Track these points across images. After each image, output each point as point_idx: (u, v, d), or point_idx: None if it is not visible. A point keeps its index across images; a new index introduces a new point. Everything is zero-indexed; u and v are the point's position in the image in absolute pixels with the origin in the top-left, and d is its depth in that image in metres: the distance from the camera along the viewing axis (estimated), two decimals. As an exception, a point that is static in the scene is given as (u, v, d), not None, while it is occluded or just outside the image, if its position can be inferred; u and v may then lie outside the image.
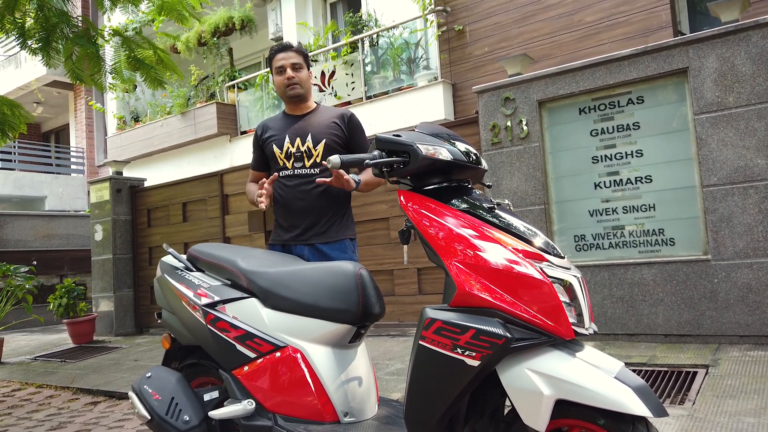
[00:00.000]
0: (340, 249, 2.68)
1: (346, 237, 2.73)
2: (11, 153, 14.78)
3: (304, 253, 2.66)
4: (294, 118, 2.82)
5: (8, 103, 6.01)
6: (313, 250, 2.66)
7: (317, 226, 2.67)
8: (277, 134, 2.79)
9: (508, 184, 4.83)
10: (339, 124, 2.75)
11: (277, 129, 2.82)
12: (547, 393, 1.53)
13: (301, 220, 2.68)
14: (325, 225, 2.68)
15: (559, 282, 1.63)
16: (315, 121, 2.77)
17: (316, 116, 2.80)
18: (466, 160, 1.81)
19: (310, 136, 2.72)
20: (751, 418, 2.70)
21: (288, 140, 2.74)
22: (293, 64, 2.75)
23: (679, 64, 4.17)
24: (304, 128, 2.75)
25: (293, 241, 2.70)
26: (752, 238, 3.90)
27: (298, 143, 2.72)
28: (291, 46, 2.79)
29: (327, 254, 2.65)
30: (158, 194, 7.82)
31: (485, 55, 8.10)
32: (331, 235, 2.68)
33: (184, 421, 2.15)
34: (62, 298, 7.16)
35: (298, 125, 2.77)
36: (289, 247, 2.71)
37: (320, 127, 2.74)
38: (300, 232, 2.68)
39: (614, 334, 4.35)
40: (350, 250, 2.73)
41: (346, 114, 2.80)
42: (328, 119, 2.77)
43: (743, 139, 3.94)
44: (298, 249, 2.68)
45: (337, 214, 2.72)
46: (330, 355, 2.04)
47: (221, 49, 11.13)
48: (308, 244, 2.67)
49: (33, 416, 4.25)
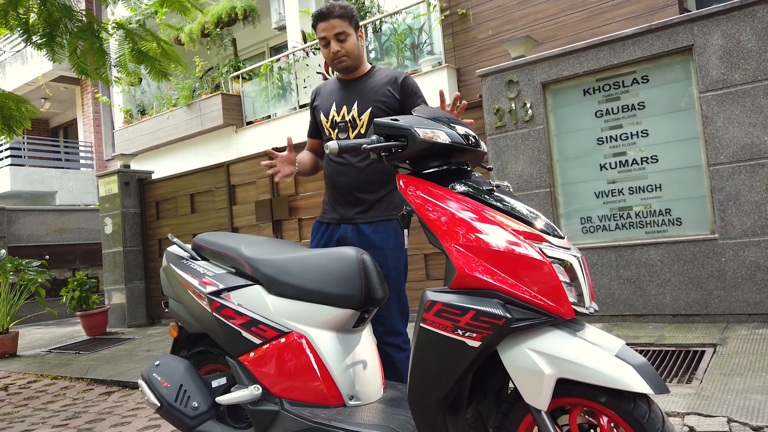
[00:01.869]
0: (385, 231, 2.48)
1: (394, 217, 2.51)
2: (21, 149, 14.89)
3: (348, 234, 2.50)
4: (344, 84, 2.61)
5: (14, 98, 6.06)
6: (356, 230, 2.50)
7: (361, 204, 2.50)
8: (325, 101, 2.61)
9: (513, 167, 4.82)
10: (391, 89, 2.51)
11: (327, 95, 2.63)
12: (548, 372, 1.53)
13: (344, 198, 2.53)
14: (369, 203, 2.50)
15: (559, 262, 1.63)
16: (366, 86, 2.55)
17: (368, 81, 2.57)
18: (464, 142, 1.81)
19: (356, 103, 2.52)
20: (759, 396, 2.70)
21: (334, 108, 2.56)
22: (337, 35, 2.47)
23: (684, 41, 4.12)
24: (353, 95, 2.54)
25: (337, 221, 2.55)
26: (760, 216, 3.88)
27: (344, 112, 2.53)
28: (332, 12, 2.46)
29: (369, 236, 2.47)
30: (166, 186, 7.87)
31: (489, 38, 8.04)
32: (377, 214, 2.50)
33: (192, 407, 2.19)
34: (75, 291, 7.25)
35: (347, 91, 2.57)
36: (332, 226, 2.56)
37: (370, 93, 2.52)
38: (343, 211, 2.54)
39: (622, 315, 4.35)
40: (394, 232, 2.50)
41: (399, 76, 2.54)
42: (380, 84, 2.53)
43: (749, 117, 3.90)
44: (342, 229, 2.53)
45: (385, 191, 2.52)
46: (334, 339, 2.06)
47: (225, 39, 11.13)
48: (352, 224, 2.51)
49: (48, 407, 4.33)
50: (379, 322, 2.46)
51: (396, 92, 2.52)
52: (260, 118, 10.46)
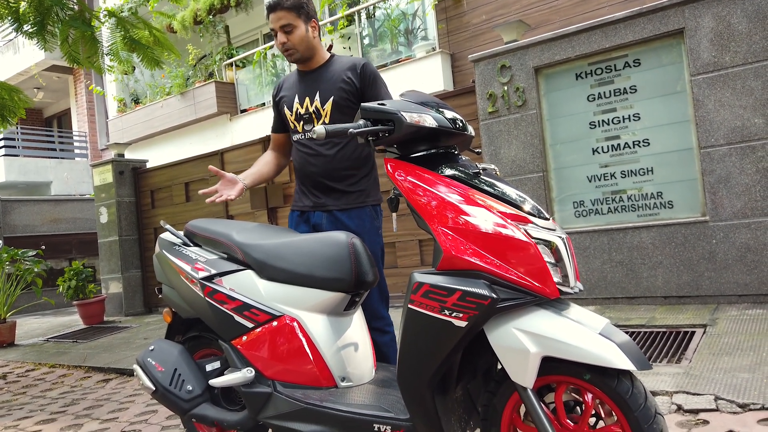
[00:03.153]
0: (359, 217, 2.53)
1: (366, 204, 2.55)
2: (15, 139, 14.84)
3: (322, 221, 2.54)
4: (304, 75, 2.60)
5: (7, 88, 6.03)
6: (331, 217, 2.53)
7: (333, 192, 2.53)
8: (288, 94, 2.61)
9: (506, 152, 4.83)
10: (350, 76, 2.50)
11: (289, 88, 2.63)
12: (533, 350, 1.56)
13: (316, 186, 2.56)
14: (341, 191, 2.53)
15: (545, 243, 1.65)
16: (325, 75, 2.55)
17: (327, 70, 2.56)
18: (451, 126, 1.82)
19: (318, 93, 2.52)
20: (746, 374, 2.75)
21: (297, 100, 2.56)
22: (283, 27, 2.46)
23: (675, 24, 4.13)
24: (313, 85, 2.55)
25: (310, 208, 2.58)
26: (750, 198, 3.91)
27: (307, 103, 2.54)
28: (279, 4, 2.45)
29: (344, 222, 2.51)
30: (160, 175, 7.86)
31: (483, 23, 8.02)
32: (350, 201, 2.53)
33: (187, 390, 2.22)
34: (71, 280, 7.27)
35: (307, 83, 2.57)
36: (306, 214, 2.59)
37: (330, 82, 2.52)
38: (316, 199, 2.56)
39: (614, 298, 4.40)
40: (369, 218, 2.55)
41: (359, 64, 2.53)
42: (339, 73, 2.53)
43: (740, 99, 3.92)
44: (316, 216, 2.56)
45: (355, 178, 2.55)
46: (326, 322, 2.08)
47: (217, 27, 11.08)
48: (326, 211, 2.54)
49: (47, 394, 4.37)
50: (364, 306, 2.47)
51: (355, 79, 2.51)
52: (254, 105, 10.43)
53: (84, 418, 3.58)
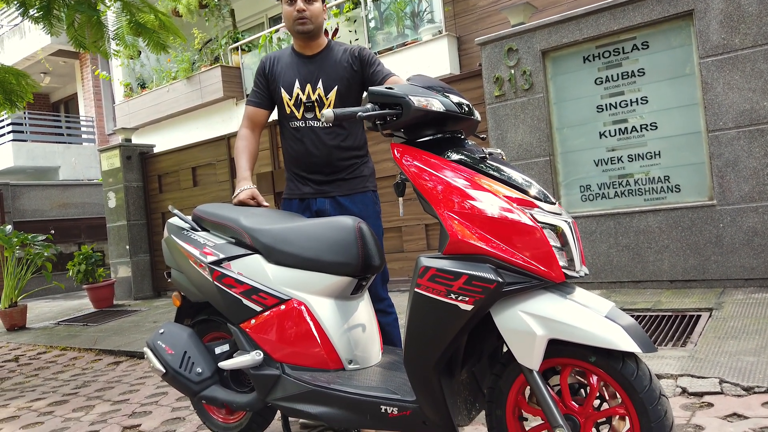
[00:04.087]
0: (362, 202, 2.57)
1: (368, 189, 2.61)
2: (23, 124, 14.89)
3: (325, 207, 2.55)
4: (304, 59, 2.57)
5: (14, 72, 6.05)
6: (334, 203, 2.55)
7: (336, 178, 2.55)
8: (287, 75, 2.56)
9: (513, 136, 4.82)
10: (350, 63, 2.53)
11: (287, 68, 2.57)
12: (539, 333, 1.58)
13: (318, 173, 2.56)
14: (344, 177, 2.55)
15: (551, 227, 1.66)
16: (327, 63, 2.54)
17: (328, 57, 2.56)
18: (458, 111, 1.83)
19: (321, 82, 2.52)
20: (751, 357, 2.76)
21: (298, 86, 2.53)
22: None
23: (684, 6, 4.08)
24: (316, 72, 2.53)
25: (312, 194, 2.58)
26: (758, 182, 3.89)
27: (309, 90, 2.52)
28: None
29: (348, 207, 2.54)
30: (168, 160, 7.89)
31: (490, 5, 7.94)
32: (352, 187, 2.56)
33: (197, 373, 2.25)
34: (81, 264, 7.34)
35: (310, 68, 2.54)
36: (307, 200, 2.59)
37: (332, 70, 2.53)
38: (318, 185, 2.57)
39: (620, 282, 4.40)
40: (372, 203, 2.61)
41: (355, 50, 2.56)
42: (340, 60, 2.54)
43: (749, 82, 3.88)
44: (319, 202, 2.57)
45: (356, 166, 2.59)
46: (333, 306, 2.11)
47: (223, 10, 11.02)
48: (329, 197, 2.56)
49: (59, 376, 4.44)
50: None
51: (355, 64, 2.54)
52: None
53: (95, 400, 3.64)
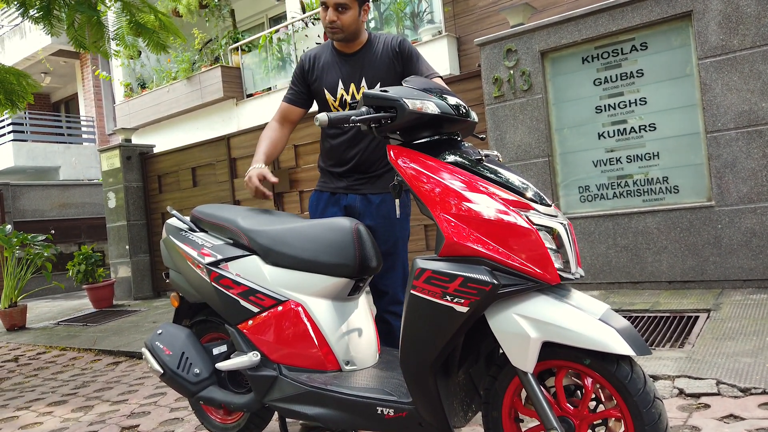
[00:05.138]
0: (391, 199, 2.54)
1: None
2: (23, 124, 14.90)
3: (355, 203, 2.55)
4: (345, 57, 2.53)
5: (14, 72, 6.06)
6: (365, 200, 2.55)
7: (369, 176, 2.56)
8: (329, 75, 2.53)
9: (512, 137, 4.82)
10: (392, 58, 2.49)
11: (328, 68, 2.53)
12: (533, 336, 1.58)
13: (356, 171, 2.56)
14: (376, 175, 2.56)
15: (546, 230, 1.66)
16: (369, 60, 2.50)
17: (369, 54, 2.51)
18: (454, 113, 1.83)
19: (364, 80, 2.49)
20: (748, 358, 2.76)
21: (341, 86, 2.50)
22: (338, 5, 2.39)
23: (683, 7, 4.08)
24: (358, 70, 2.50)
25: (343, 190, 2.58)
26: (756, 183, 3.89)
27: (353, 90, 2.50)
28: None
29: (378, 207, 2.54)
30: (168, 160, 7.90)
31: (489, 6, 7.95)
32: (385, 185, 2.57)
33: (194, 373, 2.26)
34: (81, 264, 7.35)
35: (352, 66, 2.51)
36: (338, 195, 2.59)
37: (375, 67, 2.49)
38: (352, 182, 2.57)
39: (619, 283, 4.41)
40: (403, 205, 2.59)
41: (396, 44, 2.51)
42: (382, 56, 2.50)
43: (748, 83, 3.89)
44: (350, 198, 2.57)
45: (389, 166, 2.56)
46: (330, 307, 2.11)
47: (223, 10, 11.03)
48: (360, 194, 2.56)
49: (58, 377, 4.45)
50: (384, 291, 2.55)
51: (397, 60, 2.50)
52: (260, 90, 10.41)
53: (94, 400, 3.65)
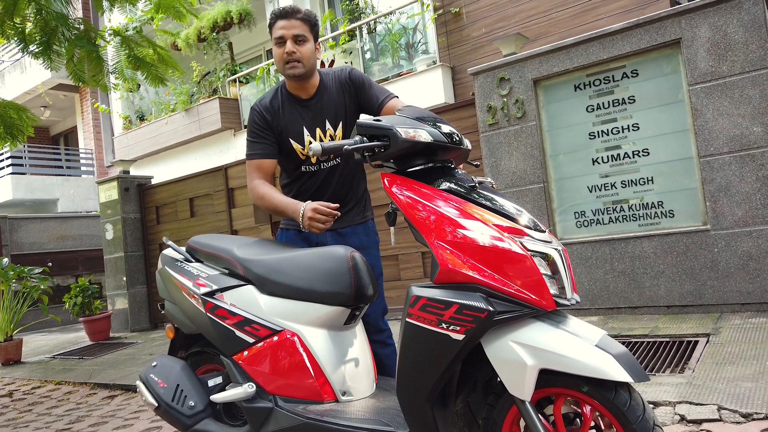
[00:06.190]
0: (364, 232, 2.58)
1: (368, 218, 2.63)
2: (22, 157, 14.95)
3: (326, 239, 2.51)
4: (304, 103, 2.47)
5: (14, 107, 6.10)
6: (336, 234, 2.53)
7: (343, 212, 2.51)
8: (292, 125, 2.46)
9: (507, 164, 4.85)
10: (347, 92, 2.48)
11: (289, 118, 2.46)
12: (530, 363, 1.57)
13: None
14: (346, 211, 2.54)
15: (541, 255, 1.67)
16: (327, 101, 2.47)
17: (326, 94, 2.48)
18: (446, 141, 1.85)
19: (327, 122, 2.46)
20: (749, 383, 2.74)
21: (307, 133, 2.46)
22: (295, 36, 2.34)
23: (672, 35, 4.15)
24: (320, 114, 2.46)
25: None
26: (751, 206, 3.91)
27: (320, 134, 2.46)
28: (296, 12, 2.35)
29: (350, 239, 2.52)
30: (165, 191, 7.92)
31: (483, 36, 8.07)
32: (353, 218, 2.57)
33: (189, 406, 2.23)
34: (77, 297, 7.31)
35: (313, 111, 2.47)
36: (305, 233, 2.51)
37: (335, 106, 2.47)
38: None
39: (617, 308, 4.39)
40: (373, 232, 2.63)
41: (345, 76, 2.49)
42: (337, 93, 2.48)
43: (738, 108, 3.93)
44: (321, 235, 2.49)
45: (358, 198, 2.61)
46: (326, 337, 2.10)
47: (221, 44, 11.18)
48: (331, 230, 2.50)
49: (52, 411, 4.38)
50: (365, 321, 2.48)
51: (351, 92, 2.49)
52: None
53: (89, 435, 3.59)
